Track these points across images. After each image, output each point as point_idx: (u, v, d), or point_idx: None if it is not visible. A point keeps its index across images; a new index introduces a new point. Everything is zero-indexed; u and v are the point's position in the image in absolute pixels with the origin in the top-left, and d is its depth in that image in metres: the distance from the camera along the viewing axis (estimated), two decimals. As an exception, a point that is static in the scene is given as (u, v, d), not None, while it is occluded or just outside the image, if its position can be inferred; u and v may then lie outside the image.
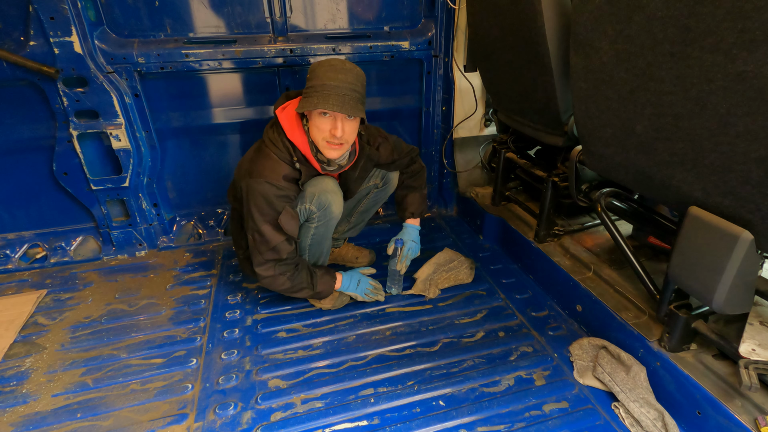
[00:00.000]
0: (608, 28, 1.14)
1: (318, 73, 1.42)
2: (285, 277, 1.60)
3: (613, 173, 1.42)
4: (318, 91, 1.40)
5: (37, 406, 1.42)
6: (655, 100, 1.09)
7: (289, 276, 1.61)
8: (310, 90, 1.43)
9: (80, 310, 1.85)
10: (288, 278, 1.61)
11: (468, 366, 1.54)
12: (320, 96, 1.39)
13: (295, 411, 1.38)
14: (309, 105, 1.41)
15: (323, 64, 1.44)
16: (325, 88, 1.40)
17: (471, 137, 2.53)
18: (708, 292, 1.11)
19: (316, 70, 1.44)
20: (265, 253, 1.54)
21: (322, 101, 1.39)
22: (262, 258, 1.56)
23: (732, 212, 1.04)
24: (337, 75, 1.40)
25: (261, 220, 1.50)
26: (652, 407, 1.31)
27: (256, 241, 1.54)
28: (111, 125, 1.94)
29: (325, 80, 1.40)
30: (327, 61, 1.45)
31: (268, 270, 1.58)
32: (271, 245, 1.53)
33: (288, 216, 1.52)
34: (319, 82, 1.41)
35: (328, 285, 1.72)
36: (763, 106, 0.86)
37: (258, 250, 1.55)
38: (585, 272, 1.75)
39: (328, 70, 1.41)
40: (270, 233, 1.51)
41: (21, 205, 2.12)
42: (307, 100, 1.43)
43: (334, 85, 1.39)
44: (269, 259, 1.56)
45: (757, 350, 1.16)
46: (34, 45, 1.76)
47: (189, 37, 2.00)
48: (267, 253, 1.54)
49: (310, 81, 1.45)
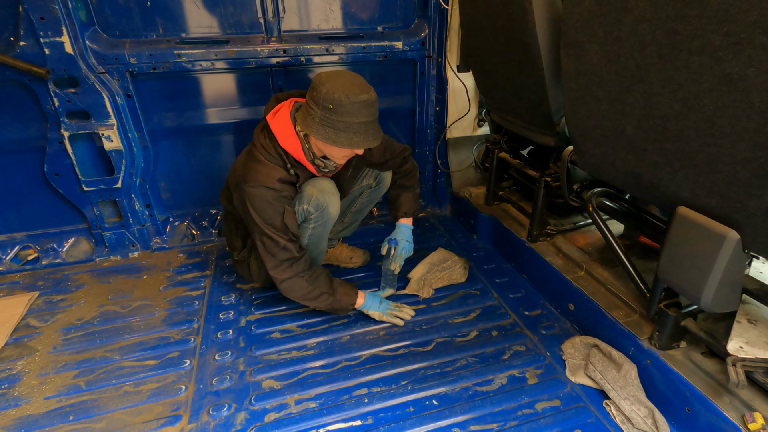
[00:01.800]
0: (597, 30, 1.15)
1: (344, 107, 1.35)
2: (304, 279, 1.57)
3: (604, 173, 1.43)
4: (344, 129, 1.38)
5: (29, 409, 1.41)
6: (644, 101, 1.10)
7: (308, 278, 1.57)
8: (333, 121, 1.37)
9: (73, 312, 1.84)
10: (306, 280, 1.57)
11: (461, 365, 1.55)
12: (349, 134, 1.39)
13: (289, 411, 1.39)
14: (347, 143, 1.39)
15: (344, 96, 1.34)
16: (351, 126, 1.38)
17: (464, 137, 2.54)
18: (696, 290, 1.13)
19: (338, 104, 1.35)
20: (277, 254, 1.52)
21: (346, 141, 1.39)
22: (276, 260, 1.53)
23: (719, 212, 1.06)
24: (362, 110, 1.37)
25: (264, 223, 1.49)
26: (642, 404, 1.32)
27: (266, 245, 1.52)
28: (103, 126, 1.93)
29: (351, 118, 1.37)
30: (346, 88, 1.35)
31: (285, 272, 1.55)
32: (281, 245, 1.51)
33: (290, 215, 1.52)
34: (343, 119, 1.36)
35: (349, 296, 1.67)
36: (748, 108, 0.88)
37: (270, 254, 1.53)
38: (577, 271, 1.76)
39: (355, 106, 1.36)
40: (276, 234, 1.50)
41: (12, 207, 2.10)
42: (332, 132, 1.38)
43: (358, 122, 1.38)
44: (283, 260, 1.54)
45: (745, 348, 1.18)
46: (24, 45, 1.74)
47: (181, 38, 1.99)
48: (279, 253, 1.52)
49: (337, 115, 1.36)
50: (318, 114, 1.38)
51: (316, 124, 1.40)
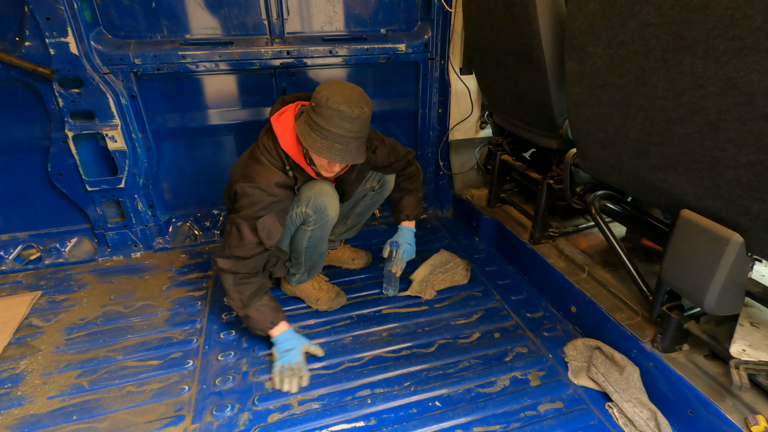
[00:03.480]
0: (602, 33, 1.15)
1: (326, 114, 1.36)
2: (234, 277, 1.52)
3: (607, 176, 1.44)
4: (323, 135, 1.38)
5: (32, 408, 1.41)
6: (648, 105, 1.11)
7: (237, 280, 1.53)
8: (315, 126, 1.38)
9: (75, 312, 1.84)
10: (234, 279, 1.52)
11: (464, 367, 1.55)
12: (323, 143, 1.38)
13: (293, 412, 1.39)
14: (313, 147, 1.39)
15: (332, 102, 1.34)
16: (331, 135, 1.37)
17: (467, 139, 2.55)
18: (700, 293, 1.13)
19: (326, 110, 1.35)
20: (234, 248, 1.50)
21: (326, 150, 1.38)
22: (230, 251, 1.51)
23: (723, 215, 1.06)
24: (344, 124, 1.36)
25: (243, 216, 1.48)
26: (645, 407, 1.32)
27: (231, 233, 1.51)
28: (107, 126, 1.94)
29: (332, 127, 1.36)
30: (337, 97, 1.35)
31: (226, 263, 1.52)
32: (243, 242, 1.49)
33: (270, 221, 1.49)
34: (326, 126, 1.37)
35: (263, 319, 1.55)
36: (752, 112, 0.88)
37: (229, 243, 1.52)
38: (579, 274, 1.77)
39: (335, 116, 1.35)
40: (247, 231, 1.48)
41: (15, 206, 2.10)
42: (312, 137, 1.39)
43: (340, 135, 1.37)
44: (234, 256, 1.51)
45: (748, 350, 1.18)
46: (30, 46, 1.75)
47: (185, 39, 2.00)
48: (236, 249, 1.50)
49: (318, 115, 1.37)
50: (307, 109, 1.43)
51: (305, 127, 1.42)
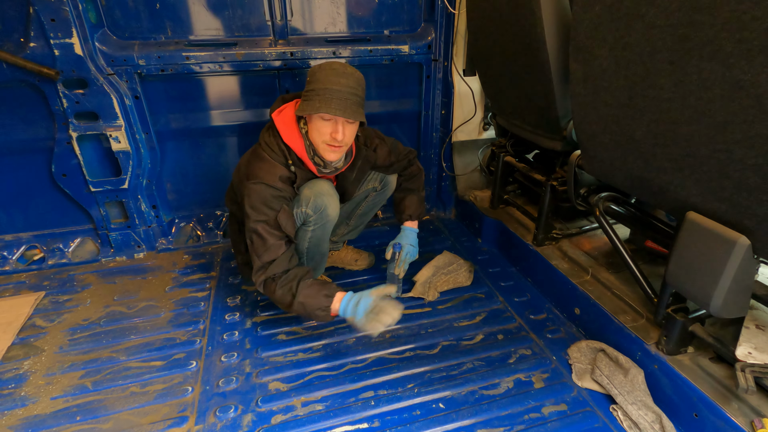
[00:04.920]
0: (607, 35, 1.15)
1: (319, 77, 1.42)
2: (275, 283, 1.50)
3: (612, 178, 1.43)
4: (319, 94, 1.41)
5: (35, 409, 1.41)
6: (654, 106, 1.10)
7: (280, 283, 1.50)
8: (310, 93, 1.43)
9: (79, 312, 1.84)
10: (279, 285, 1.49)
11: (467, 369, 1.55)
12: (322, 100, 1.40)
13: (296, 414, 1.39)
14: (310, 108, 1.41)
15: (324, 67, 1.44)
16: (327, 92, 1.40)
17: (470, 141, 2.55)
18: (706, 296, 1.13)
19: (317, 73, 1.44)
20: (262, 255, 1.50)
21: (324, 105, 1.39)
22: (260, 261, 1.51)
23: (729, 218, 1.06)
24: (339, 79, 1.41)
25: (257, 220, 1.48)
26: (650, 410, 1.32)
27: (254, 242, 1.50)
28: (111, 127, 1.94)
29: (326, 84, 1.40)
30: (328, 64, 1.45)
31: (261, 274, 1.50)
32: (268, 244, 1.48)
33: (285, 215, 1.50)
34: (321, 86, 1.41)
35: (316, 302, 1.48)
36: (760, 114, 0.88)
37: (256, 253, 1.51)
38: (583, 275, 1.76)
39: (329, 74, 1.41)
40: (266, 233, 1.48)
41: (19, 207, 2.11)
42: (308, 103, 1.43)
43: (336, 89, 1.40)
44: (264, 262, 1.50)
45: (754, 353, 1.18)
46: (35, 46, 1.75)
47: (189, 40, 2.00)
48: (264, 254, 1.50)
49: (310, 84, 1.44)
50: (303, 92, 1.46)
51: (302, 103, 1.46)
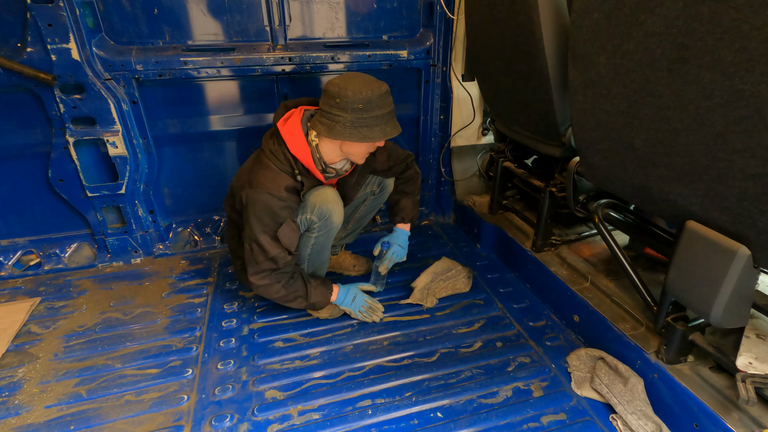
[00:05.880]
0: (606, 42, 1.15)
1: (372, 106, 1.42)
2: (280, 285, 1.59)
3: (611, 185, 1.43)
4: (377, 123, 1.45)
5: (29, 417, 1.40)
6: (653, 115, 1.10)
7: (284, 284, 1.60)
8: (363, 121, 1.43)
9: (74, 319, 1.83)
10: (283, 286, 1.60)
11: (466, 377, 1.54)
12: (378, 128, 1.46)
13: (292, 423, 1.37)
14: (372, 137, 1.45)
15: (368, 93, 1.41)
16: (382, 118, 1.46)
17: (469, 146, 2.54)
18: (705, 306, 1.12)
19: (367, 103, 1.41)
20: (262, 263, 1.53)
21: (381, 133, 1.46)
22: (259, 267, 1.54)
23: (729, 227, 1.05)
24: (385, 101, 1.46)
25: (260, 230, 1.49)
26: (649, 419, 1.31)
27: (254, 251, 1.53)
28: (108, 132, 1.93)
29: (380, 111, 1.45)
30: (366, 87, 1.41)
31: (263, 279, 1.56)
32: (269, 255, 1.52)
33: (288, 228, 1.51)
34: (378, 113, 1.44)
35: (324, 296, 1.70)
36: (759, 124, 0.87)
37: (255, 260, 1.54)
38: (582, 282, 1.75)
39: (377, 101, 1.43)
40: (268, 244, 1.50)
41: (15, 212, 2.10)
42: (366, 132, 1.44)
43: (388, 112, 1.47)
44: (265, 269, 1.55)
45: (754, 363, 1.17)
46: (32, 51, 1.75)
47: (187, 45, 2.00)
48: (264, 263, 1.53)
49: (359, 112, 1.41)
50: (348, 118, 1.42)
51: (348, 129, 1.43)
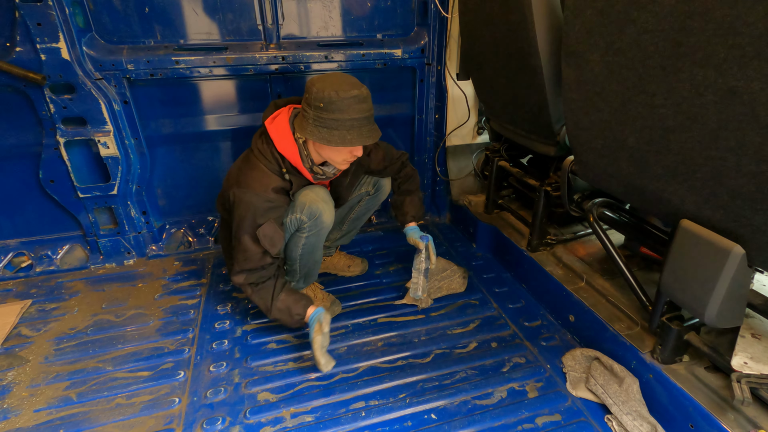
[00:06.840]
0: (599, 40, 1.13)
1: (340, 106, 1.35)
2: (251, 288, 1.55)
3: (605, 184, 1.42)
4: (351, 126, 1.38)
5: (18, 421, 1.38)
6: (647, 113, 1.09)
7: (254, 289, 1.55)
8: (331, 122, 1.37)
9: (65, 321, 1.81)
10: (252, 290, 1.55)
11: (460, 378, 1.53)
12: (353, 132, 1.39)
13: (285, 425, 1.36)
14: (344, 141, 1.38)
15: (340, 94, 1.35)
16: (356, 122, 1.39)
17: (464, 145, 2.53)
18: (700, 305, 1.11)
19: (336, 102, 1.35)
20: (241, 262, 1.52)
21: (357, 138, 1.39)
22: (238, 266, 1.53)
23: (723, 226, 1.04)
24: (361, 105, 1.38)
25: (242, 229, 1.48)
26: (645, 420, 1.30)
27: (236, 248, 1.52)
28: (99, 132, 1.91)
29: (350, 114, 1.37)
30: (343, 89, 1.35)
31: (238, 277, 1.55)
32: (246, 254, 1.50)
33: (269, 228, 1.48)
34: (346, 116, 1.37)
35: (287, 317, 1.56)
36: (753, 121, 0.86)
37: (236, 258, 1.54)
38: (577, 282, 1.74)
39: (351, 102, 1.36)
40: (248, 243, 1.48)
41: (6, 213, 2.07)
42: (334, 133, 1.38)
43: (359, 118, 1.39)
44: (244, 269, 1.52)
45: (749, 363, 1.16)
46: (21, 51, 1.73)
47: (179, 44, 1.98)
48: (242, 262, 1.51)
49: (328, 112, 1.36)
50: (311, 114, 1.39)
51: (310, 126, 1.40)
